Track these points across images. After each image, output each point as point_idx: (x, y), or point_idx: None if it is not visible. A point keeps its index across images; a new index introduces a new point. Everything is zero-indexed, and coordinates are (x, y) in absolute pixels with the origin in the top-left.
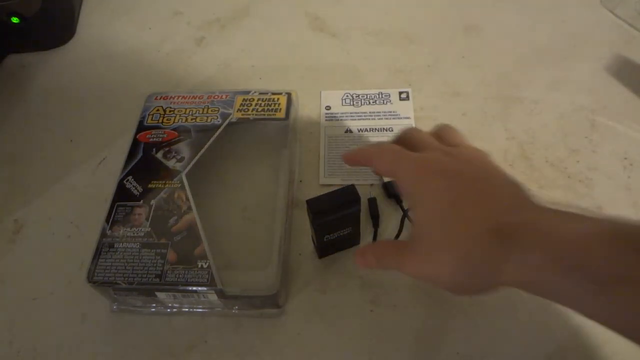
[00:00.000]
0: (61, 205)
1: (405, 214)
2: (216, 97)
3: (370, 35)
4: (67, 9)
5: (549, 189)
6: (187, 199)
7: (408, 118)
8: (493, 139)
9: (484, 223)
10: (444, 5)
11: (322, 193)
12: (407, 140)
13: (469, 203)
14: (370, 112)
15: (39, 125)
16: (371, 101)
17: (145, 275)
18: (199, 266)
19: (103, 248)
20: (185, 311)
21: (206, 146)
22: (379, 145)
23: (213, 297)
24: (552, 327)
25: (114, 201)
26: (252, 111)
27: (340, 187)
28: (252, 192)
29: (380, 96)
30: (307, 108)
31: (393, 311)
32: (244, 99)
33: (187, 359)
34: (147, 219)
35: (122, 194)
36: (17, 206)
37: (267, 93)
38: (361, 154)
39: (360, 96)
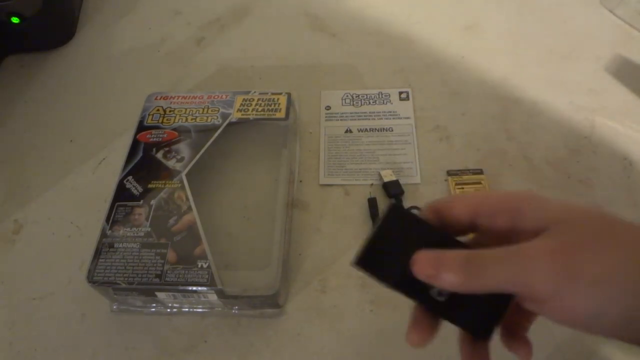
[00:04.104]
0: (61, 205)
1: None
2: (216, 97)
3: (370, 35)
4: (67, 9)
5: (549, 189)
6: (187, 199)
7: (408, 118)
8: (493, 139)
9: None
10: (443, 5)
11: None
12: None
13: None
14: (370, 112)
15: (39, 125)
16: (371, 101)
17: (145, 275)
18: (199, 266)
19: (103, 248)
20: (185, 311)
21: (206, 146)
22: None
23: (213, 297)
24: (552, 327)
25: (114, 201)
26: (252, 111)
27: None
28: (252, 192)
29: (380, 96)
30: (307, 108)
31: (393, 311)
32: (244, 99)
33: (187, 359)
34: (147, 219)
35: (122, 194)
36: (17, 206)
37: (267, 93)
38: None
39: (360, 96)
